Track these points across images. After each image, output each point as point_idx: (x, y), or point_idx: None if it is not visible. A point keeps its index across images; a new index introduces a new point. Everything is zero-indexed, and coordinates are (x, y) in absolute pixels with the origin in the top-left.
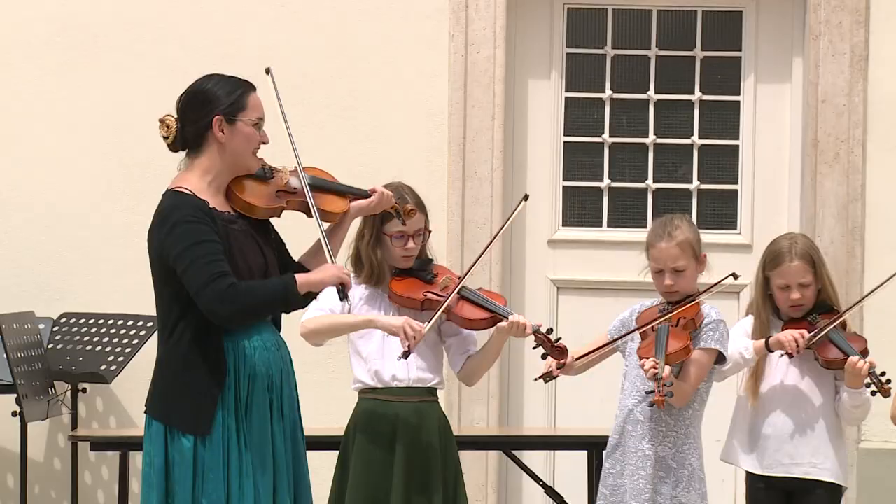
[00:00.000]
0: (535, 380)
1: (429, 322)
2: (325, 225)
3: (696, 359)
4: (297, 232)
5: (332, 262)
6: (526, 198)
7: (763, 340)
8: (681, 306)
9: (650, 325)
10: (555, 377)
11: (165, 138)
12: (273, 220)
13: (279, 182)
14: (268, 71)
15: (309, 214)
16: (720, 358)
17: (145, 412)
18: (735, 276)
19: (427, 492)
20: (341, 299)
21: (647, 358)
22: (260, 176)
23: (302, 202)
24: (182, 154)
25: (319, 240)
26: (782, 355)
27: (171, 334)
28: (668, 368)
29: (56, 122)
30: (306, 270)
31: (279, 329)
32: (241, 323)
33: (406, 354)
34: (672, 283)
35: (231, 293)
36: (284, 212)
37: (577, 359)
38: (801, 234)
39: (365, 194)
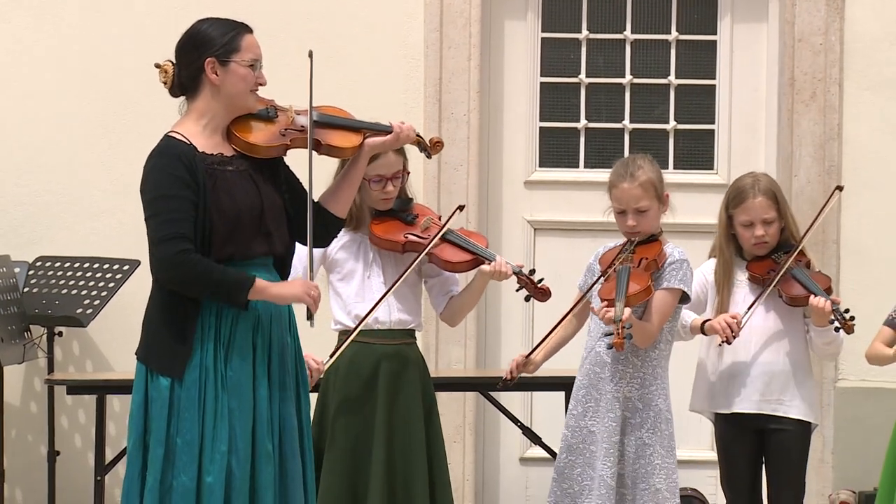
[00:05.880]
0: (497, 387)
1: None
2: (328, 191)
3: (660, 299)
4: (322, 175)
5: (311, 270)
6: (461, 208)
7: (700, 322)
8: (644, 246)
9: (612, 268)
10: (513, 380)
11: (165, 84)
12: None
13: (285, 121)
14: (310, 54)
15: (319, 152)
16: (684, 298)
17: (135, 352)
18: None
19: (408, 432)
20: (308, 318)
21: (608, 299)
22: (263, 116)
23: (307, 140)
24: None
25: (338, 177)
26: (721, 343)
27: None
28: (627, 310)
29: (31, 64)
30: (327, 211)
31: (284, 278)
32: (179, 290)
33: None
34: (635, 223)
35: (178, 260)
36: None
37: (529, 354)
38: (763, 173)
39: (385, 129)
